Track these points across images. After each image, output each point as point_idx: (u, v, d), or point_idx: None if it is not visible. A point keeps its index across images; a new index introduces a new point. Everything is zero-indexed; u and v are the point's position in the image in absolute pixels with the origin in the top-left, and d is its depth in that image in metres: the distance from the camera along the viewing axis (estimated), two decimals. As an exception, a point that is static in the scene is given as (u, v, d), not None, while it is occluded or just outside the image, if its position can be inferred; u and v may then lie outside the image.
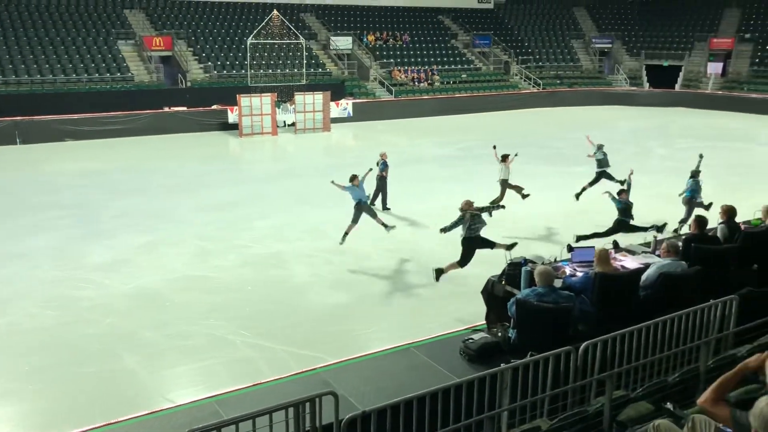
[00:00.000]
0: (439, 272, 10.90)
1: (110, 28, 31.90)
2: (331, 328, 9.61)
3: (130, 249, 13.09)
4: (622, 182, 14.33)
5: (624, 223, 12.12)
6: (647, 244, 8.67)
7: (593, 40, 42.56)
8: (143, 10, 34.09)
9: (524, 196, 15.60)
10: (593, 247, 7.75)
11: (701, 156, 14.90)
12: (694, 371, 5.33)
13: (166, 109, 28.30)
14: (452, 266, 10.81)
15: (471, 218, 10.57)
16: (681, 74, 40.13)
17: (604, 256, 7.12)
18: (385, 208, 16.01)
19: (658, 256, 7.93)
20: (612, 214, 12.69)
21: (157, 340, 9.28)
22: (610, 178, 15.99)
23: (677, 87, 39.70)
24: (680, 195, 13.88)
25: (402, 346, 7.59)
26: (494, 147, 15.92)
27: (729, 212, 8.70)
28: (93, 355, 8.84)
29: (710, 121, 31.89)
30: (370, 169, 15.24)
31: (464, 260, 10.68)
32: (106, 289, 11.14)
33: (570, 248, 8.16)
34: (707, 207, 13.00)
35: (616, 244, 8.66)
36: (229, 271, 11.92)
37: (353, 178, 13.18)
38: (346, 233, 12.90)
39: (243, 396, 6.67)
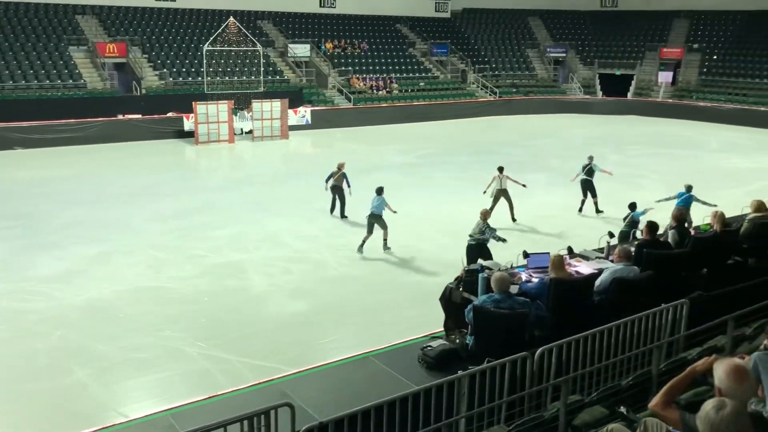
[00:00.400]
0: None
1: (61, 34, 31.19)
2: (290, 338, 9.52)
3: (82, 260, 12.77)
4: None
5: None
6: (600, 250, 8.82)
7: (548, 50, 43.29)
8: (96, 16, 33.43)
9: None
10: (548, 253, 7.83)
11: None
12: (647, 374, 5.42)
13: (120, 116, 27.76)
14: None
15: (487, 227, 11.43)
16: (633, 83, 41.08)
17: (558, 262, 7.21)
18: (340, 214, 15.92)
19: (612, 261, 8.07)
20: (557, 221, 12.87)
21: (110, 353, 9.06)
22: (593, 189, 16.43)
23: (629, 95, 40.62)
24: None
25: (360, 355, 7.56)
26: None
27: (679, 218, 8.91)
28: (42, 370, 8.58)
29: (661, 128, 32.70)
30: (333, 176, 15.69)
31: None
32: (56, 301, 10.84)
33: (526, 254, 8.24)
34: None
35: (570, 250, 8.77)
36: (184, 282, 11.72)
37: (380, 189, 13.54)
38: (363, 242, 13.22)
39: (199, 409, 6.55)
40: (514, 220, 15.73)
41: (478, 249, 11.16)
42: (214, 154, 25.77)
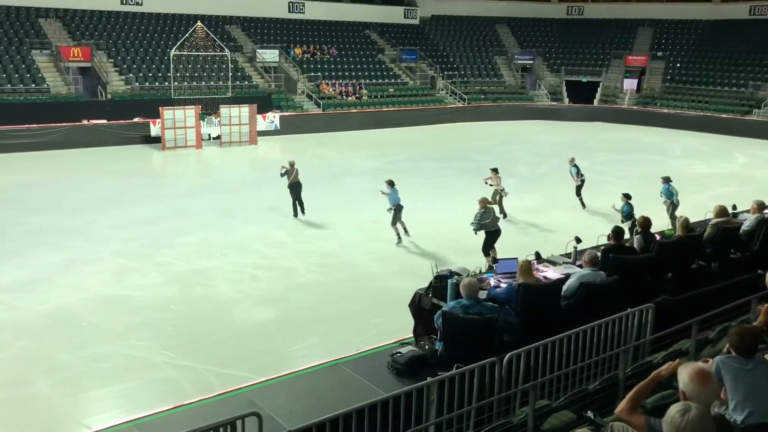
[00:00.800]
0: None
1: (24, 37, 30.58)
2: (258, 346, 9.43)
3: (44, 268, 12.50)
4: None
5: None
6: (568, 255, 8.90)
7: (515, 57, 43.73)
8: (60, 20, 32.87)
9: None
10: (516, 258, 7.89)
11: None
12: (614, 379, 5.47)
13: (85, 121, 27.30)
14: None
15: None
16: (599, 90, 41.69)
17: (526, 268, 7.26)
18: (300, 213, 16.29)
19: (579, 266, 8.14)
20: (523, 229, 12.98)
21: (73, 363, 8.87)
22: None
23: (596, 102, 41.21)
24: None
25: (330, 362, 7.51)
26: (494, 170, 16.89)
27: (644, 223, 9.02)
28: (2, 381, 8.36)
29: (626, 134, 33.22)
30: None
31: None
32: (17, 310, 10.58)
33: (494, 260, 8.28)
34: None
35: (538, 255, 8.84)
36: (151, 290, 11.53)
37: (390, 182, 14.38)
38: (397, 234, 14.14)
39: (164, 419, 6.45)
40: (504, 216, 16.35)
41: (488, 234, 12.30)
42: (181, 160, 25.48)
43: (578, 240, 8.83)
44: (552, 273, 8.13)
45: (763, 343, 4.37)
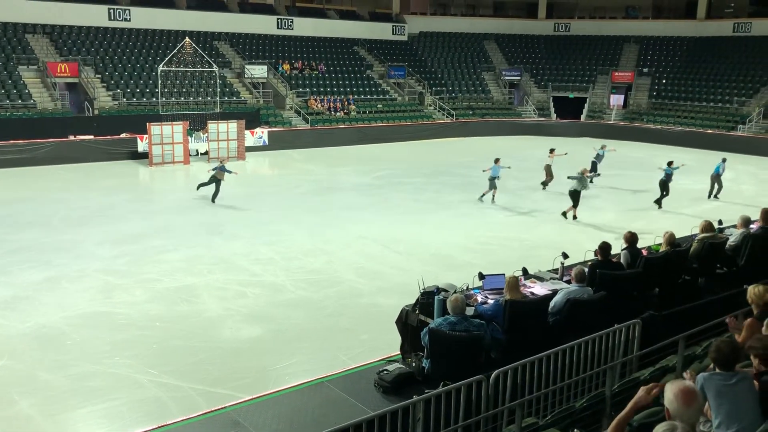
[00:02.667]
0: (564, 214, 17.77)
1: (11, 53, 30.47)
2: (244, 364, 9.33)
3: (29, 285, 12.35)
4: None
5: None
6: (555, 271, 8.89)
7: (503, 73, 44.03)
8: (47, 35, 32.80)
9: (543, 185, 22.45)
10: (503, 274, 7.87)
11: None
12: (601, 396, 5.45)
13: (72, 137, 27.16)
14: (571, 209, 17.70)
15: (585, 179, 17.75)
16: (586, 105, 42.03)
17: (513, 284, 7.24)
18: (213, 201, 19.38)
19: (567, 282, 8.14)
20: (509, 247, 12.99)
21: (57, 382, 8.74)
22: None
23: (583, 118, 41.50)
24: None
25: (316, 381, 7.44)
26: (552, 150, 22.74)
27: (631, 239, 9.04)
28: (-17, 402, 8.22)
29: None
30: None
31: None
32: (1, 328, 10.44)
33: (481, 276, 8.25)
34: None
35: (525, 271, 8.83)
36: (136, 307, 11.42)
37: (497, 160, 20.16)
38: (493, 197, 19.98)
39: (148, 439, 6.35)
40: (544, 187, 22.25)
41: (574, 193, 17.62)
42: (168, 176, 25.38)
43: (565, 255, 8.82)
44: (539, 289, 8.11)
45: (743, 356, 4.36)
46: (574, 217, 17.88)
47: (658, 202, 19.95)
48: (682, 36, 44.10)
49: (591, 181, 19.96)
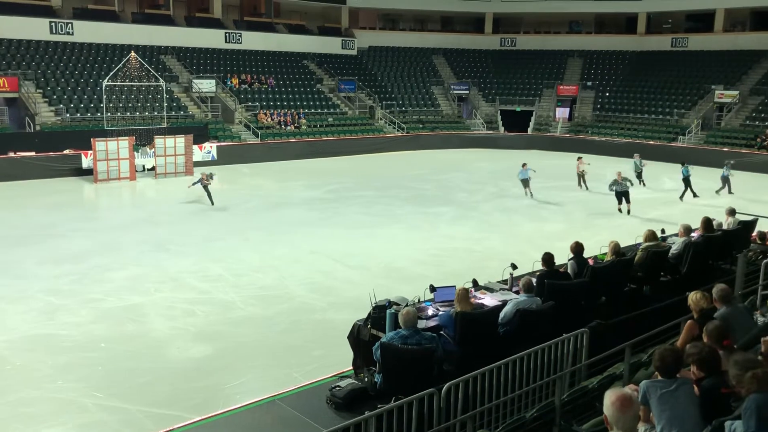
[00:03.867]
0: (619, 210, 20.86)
1: (-54, 67, 29.48)
2: (193, 383, 9.12)
3: (-35, 308, 11.86)
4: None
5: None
6: (504, 281, 8.98)
7: (452, 87, 44.57)
8: (-15, 50, 31.82)
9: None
10: (454, 286, 7.90)
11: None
12: (551, 406, 5.49)
13: (12, 154, 26.32)
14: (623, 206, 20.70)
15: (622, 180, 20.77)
16: (533, 119, 42.82)
17: (463, 295, 7.27)
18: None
19: (516, 292, 8.22)
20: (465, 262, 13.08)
21: (-5, 409, 8.39)
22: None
23: (530, 131, 42.27)
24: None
25: (267, 399, 7.34)
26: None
27: (577, 249, 9.20)
28: None
29: (560, 161, 34.05)
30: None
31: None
32: (-65, 355, 9.98)
33: (432, 288, 8.28)
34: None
35: (475, 283, 8.89)
36: (80, 328, 11.07)
37: (524, 164, 23.91)
38: (530, 193, 23.60)
39: (92, 466, 6.13)
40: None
41: (621, 194, 20.75)
42: (114, 193, 24.80)
43: (514, 266, 8.92)
44: (489, 300, 8.18)
45: (684, 363, 4.47)
46: (628, 212, 20.87)
47: (682, 196, 23.82)
48: (623, 50, 45.46)
49: (631, 183, 22.14)
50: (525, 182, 24.01)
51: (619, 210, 20.99)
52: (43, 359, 9.84)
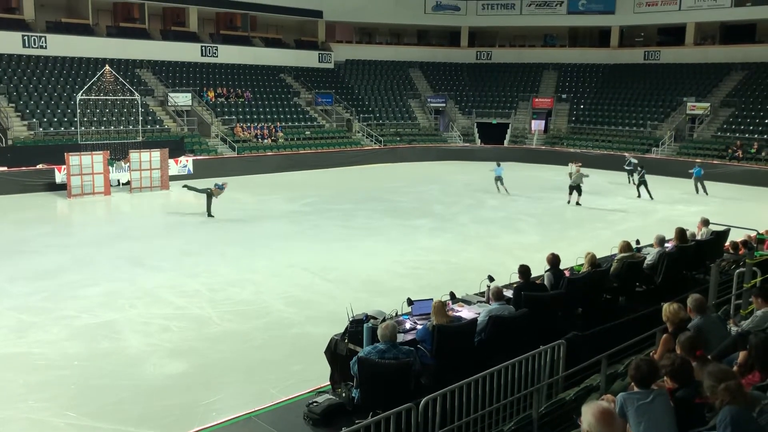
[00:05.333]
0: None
1: None
2: (169, 401, 8.99)
3: (-67, 327, 11.59)
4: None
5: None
6: (482, 294, 8.99)
7: (428, 100, 44.80)
8: (-44, 63, 31.37)
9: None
10: (431, 299, 7.89)
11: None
12: (528, 418, 5.49)
13: (-17, 169, 25.93)
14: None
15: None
16: (509, 131, 43.15)
17: (439, 308, 7.27)
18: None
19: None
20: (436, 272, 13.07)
21: (-37, 431, 8.19)
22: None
23: (506, 143, 42.58)
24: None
25: (244, 416, 7.24)
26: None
27: (553, 260, 9.24)
28: None
29: (536, 173, 34.40)
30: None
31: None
32: None
33: (410, 302, 8.25)
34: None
35: (452, 295, 8.90)
36: (52, 346, 10.86)
37: (498, 163, 26.93)
38: (505, 190, 26.40)
39: (63, 487, 5.99)
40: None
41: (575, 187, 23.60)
42: (88, 208, 24.48)
43: (491, 278, 8.93)
44: (466, 312, 8.18)
45: (659, 374, 4.49)
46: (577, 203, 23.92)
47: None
48: (597, 63, 46.06)
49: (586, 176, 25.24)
50: (499, 179, 25.97)
51: (568, 202, 24.15)
52: (15, 378, 9.64)
